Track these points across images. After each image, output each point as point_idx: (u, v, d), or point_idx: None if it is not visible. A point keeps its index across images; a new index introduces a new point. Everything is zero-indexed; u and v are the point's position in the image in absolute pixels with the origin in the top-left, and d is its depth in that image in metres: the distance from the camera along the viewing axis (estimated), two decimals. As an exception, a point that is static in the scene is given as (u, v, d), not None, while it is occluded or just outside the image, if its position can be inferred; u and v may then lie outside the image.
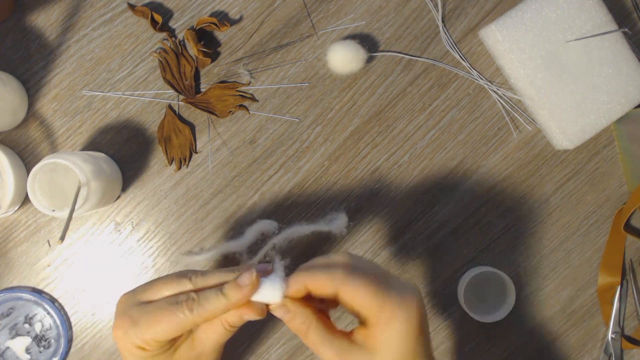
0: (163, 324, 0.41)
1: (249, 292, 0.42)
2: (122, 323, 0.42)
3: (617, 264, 0.64)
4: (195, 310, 0.41)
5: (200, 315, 0.41)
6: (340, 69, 0.61)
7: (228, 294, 0.42)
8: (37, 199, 0.54)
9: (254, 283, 0.42)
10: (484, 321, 0.62)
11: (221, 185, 0.63)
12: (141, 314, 0.41)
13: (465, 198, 0.64)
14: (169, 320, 0.41)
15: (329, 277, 0.41)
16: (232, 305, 0.42)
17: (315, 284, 0.42)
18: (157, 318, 0.41)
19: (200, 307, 0.41)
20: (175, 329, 0.41)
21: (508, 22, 0.60)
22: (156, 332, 0.41)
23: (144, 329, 0.41)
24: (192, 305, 0.41)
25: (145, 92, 0.62)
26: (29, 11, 0.61)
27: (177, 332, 0.41)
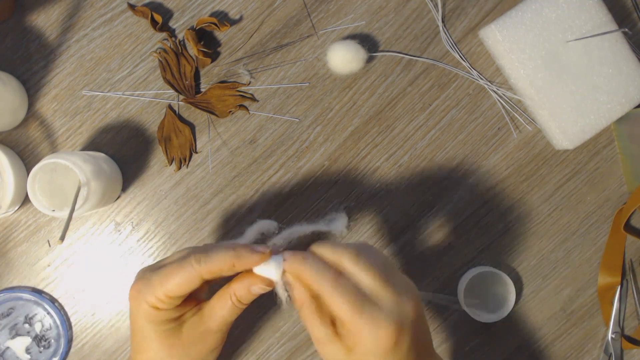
0: (173, 278, 0.43)
1: (258, 258, 0.43)
2: (136, 284, 0.44)
3: (617, 264, 0.64)
4: (202, 262, 0.42)
5: (207, 268, 0.43)
6: (340, 69, 0.61)
7: (239, 252, 0.43)
8: (37, 199, 0.54)
9: (266, 254, 0.44)
10: (484, 321, 0.62)
11: (221, 185, 0.63)
12: (153, 274, 0.44)
13: (465, 198, 0.64)
14: (179, 274, 0.43)
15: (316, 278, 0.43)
16: (239, 263, 0.43)
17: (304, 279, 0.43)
18: (168, 273, 0.43)
19: (208, 259, 0.43)
20: (185, 282, 0.43)
21: (508, 22, 0.60)
22: (167, 287, 0.43)
23: (156, 285, 0.43)
24: (200, 257, 0.43)
25: (145, 92, 0.62)
26: (29, 11, 0.61)
27: (187, 285, 0.43)
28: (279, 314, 0.63)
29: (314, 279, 0.42)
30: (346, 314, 0.41)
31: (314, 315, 0.43)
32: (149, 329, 0.44)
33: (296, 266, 0.44)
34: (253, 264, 0.44)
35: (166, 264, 0.44)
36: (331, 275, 0.42)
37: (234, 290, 0.45)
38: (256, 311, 0.63)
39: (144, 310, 0.44)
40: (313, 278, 0.42)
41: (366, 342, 0.41)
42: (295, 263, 0.44)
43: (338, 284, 0.42)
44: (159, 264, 0.46)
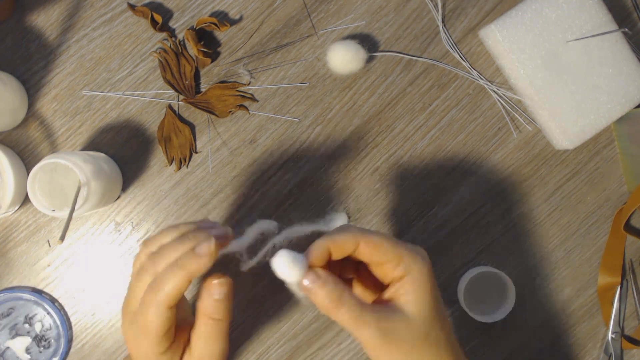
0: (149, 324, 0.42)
1: (207, 262, 0.42)
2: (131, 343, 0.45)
3: (617, 264, 0.64)
4: (159, 292, 0.42)
5: (165, 296, 0.41)
6: (340, 69, 0.61)
7: (185, 266, 0.41)
8: (37, 199, 0.54)
9: (212, 253, 0.42)
10: (484, 321, 0.62)
11: (221, 185, 0.63)
12: (136, 329, 0.43)
13: (465, 198, 0.64)
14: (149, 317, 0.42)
15: (349, 234, 0.43)
16: (191, 276, 0.42)
17: (337, 244, 0.43)
18: (144, 323, 0.42)
19: (160, 290, 0.41)
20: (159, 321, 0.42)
21: (508, 22, 0.60)
22: (150, 334, 0.42)
23: (145, 338, 0.43)
24: (154, 287, 0.42)
25: (145, 92, 0.62)
26: (29, 11, 0.61)
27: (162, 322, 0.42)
28: (279, 314, 0.63)
29: (347, 236, 0.43)
30: (390, 246, 0.43)
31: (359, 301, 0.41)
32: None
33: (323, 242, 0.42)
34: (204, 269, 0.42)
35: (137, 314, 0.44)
36: (358, 228, 0.44)
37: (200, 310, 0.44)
38: (256, 311, 0.63)
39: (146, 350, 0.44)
40: (345, 235, 0.43)
41: (418, 265, 0.43)
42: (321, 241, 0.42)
43: (368, 230, 0.44)
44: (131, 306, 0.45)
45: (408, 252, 0.43)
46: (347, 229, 0.44)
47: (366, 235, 0.43)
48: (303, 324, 0.63)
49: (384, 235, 0.44)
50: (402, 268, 0.43)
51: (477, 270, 0.62)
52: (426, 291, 0.43)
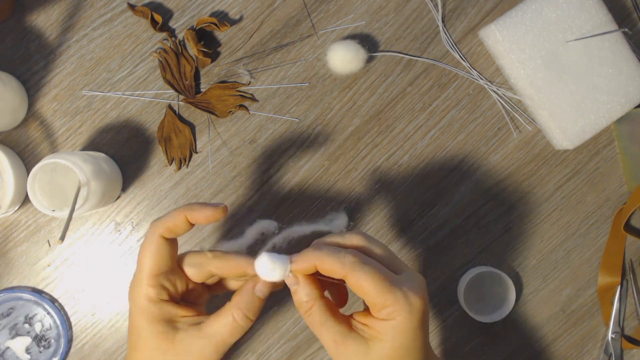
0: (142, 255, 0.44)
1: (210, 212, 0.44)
2: (129, 291, 0.45)
3: (617, 264, 0.64)
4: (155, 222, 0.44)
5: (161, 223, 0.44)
6: (340, 69, 0.61)
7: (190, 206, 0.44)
8: (37, 199, 0.54)
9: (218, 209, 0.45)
10: (484, 321, 0.62)
11: (221, 185, 0.63)
12: (135, 271, 0.45)
13: (465, 198, 0.64)
14: (143, 247, 0.44)
15: (338, 263, 0.41)
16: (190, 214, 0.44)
17: (324, 266, 0.42)
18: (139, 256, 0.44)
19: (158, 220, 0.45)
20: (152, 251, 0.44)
21: (508, 22, 0.60)
22: (143, 267, 0.44)
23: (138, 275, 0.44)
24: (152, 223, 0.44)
25: (145, 92, 0.62)
26: (29, 11, 0.61)
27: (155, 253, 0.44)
28: (279, 314, 0.63)
29: (336, 264, 0.41)
30: (377, 292, 0.40)
31: (326, 314, 0.42)
32: (145, 327, 0.44)
33: (311, 257, 0.42)
34: (205, 218, 0.44)
35: None
36: (353, 256, 0.41)
37: (237, 303, 0.44)
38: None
39: (137, 306, 0.44)
40: (336, 263, 0.41)
41: (398, 322, 0.40)
42: (310, 255, 0.42)
43: (364, 263, 0.41)
44: None
45: (395, 301, 0.40)
46: (340, 256, 0.41)
47: (355, 271, 0.40)
48: (303, 324, 0.63)
49: (375, 276, 0.40)
50: (385, 314, 0.41)
51: (477, 270, 0.62)
52: (402, 346, 0.41)
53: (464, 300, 0.62)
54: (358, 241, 0.44)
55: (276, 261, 0.43)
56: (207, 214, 0.44)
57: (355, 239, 0.44)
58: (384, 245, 0.45)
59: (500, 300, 0.63)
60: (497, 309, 0.63)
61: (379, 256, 0.43)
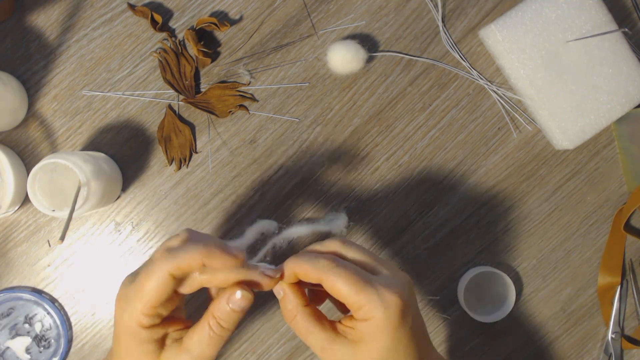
0: (147, 284, 0.40)
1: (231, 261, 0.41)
2: (119, 301, 0.42)
3: (617, 264, 0.64)
4: (170, 259, 0.40)
5: (175, 262, 0.40)
6: (340, 69, 0.61)
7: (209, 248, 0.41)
8: (37, 199, 0.54)
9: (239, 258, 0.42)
10: (484, 321, 0.62)
11: (221, 185, 0.63)
12: (130, 286, 0.41)
13: (465, 198, 0.64)
14: (150, 278, 0.40)
15: (313, 267, 0.42)
16: (208, 261, 0.41)
17: (302, 272, 0.43)
18: (141, 281, 0.41)
19: (173, 254, 0.40)
20: (158, 285, 0.40)
21: (508, 22, 0.60)
22: (144, 297, 0.40)
23: (135, 299, 0.41)
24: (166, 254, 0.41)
25: (145, 92, 0.62)
26: (29, 11, 0.61)
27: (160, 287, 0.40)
28: (279, 314, 0.63)
29: (311, 269, 0.42)
30: (351, 292, 0.41)
31: (311, 321, 0.43)
32: (132, 346, 0.42)
33: (291, 265, 0.43)
34: (224, 265, 0.41)
35: (139, 271, 0.42)
36: (328, 260, 0.42)
37: (212, 312, 0.42)
38: (256, 311, 0.63)
39: (128, 327, 0.42)
40: (310, 268, 0.42)
41: (376, 320, 0.40)
42: (290, 263, 0.43)
43: (337, 265, 0.42)
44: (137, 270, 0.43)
45: (369, 300, 0.41)
46: (315, 260, 0.42)
47: (328, 273, 0.41)
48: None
49: (348, 277, 0.41)
50: (362, 314, 0.41)
51: (477, 270, 0.62)
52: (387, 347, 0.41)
53: (464, 300, 0.62)
54: (335, 246, 0.45)
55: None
56: (227, 262, 0.41)
57: (333, 245, 0.45)
58: (362, 248, 0.45)
59: (500, 300, 0.63)
60: (497, 309, 0.63)
61: (355, 259, 0.44)
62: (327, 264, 0.42)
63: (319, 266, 0.42)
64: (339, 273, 0.41)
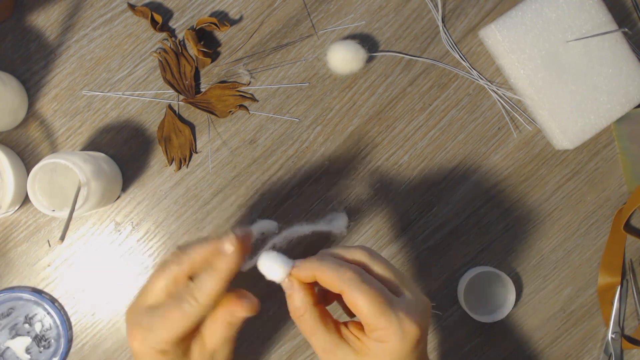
0: (175, 321, 0.41)
1: (236, 257, 0.41)
2: (137, 334, 0.42)
3: (617, 264, 0.64)
4: (198, 297, 0.41)
5: (205, 300, 0.41)
6: (340, 69, 0.61)
7: (218, 267, 0.41)
8: (37, 199, 0.54)
9: (237, 246, 0.41)
10: (484, 321, 0.62)
11: (221, 185, 0.63)
12: (152, 319, 0.41)
13: (465, 198, 0.64)
14: (180, 316, 0.41)
15: (337, 278, 0.41)
16: (227, 276, 0.41)
17: (324, 278, 0.42)
18: (168, 317, 0.41)
19: (200, 292, 0.41)
20: (188, 322, 0.41)
21: (508, 22, 0.60)
22: (171, 331, 0.41)
23: (159, 332, 0.41)
24: (194, 293, 0.41)
25: (145, 92, 0.62)
26: (29, 11, 0.61)
27: (190, 324, 0.41)
28: (279, 314, 0.63)
29: (335, 279, 0.41)
30: (372, 313, 0.39)
31: (318, 322, 0.43)
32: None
33: (313, 267, 0.42)
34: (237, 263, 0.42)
35: (162, 307, 0.42)
36: (354, 273, 0.41)
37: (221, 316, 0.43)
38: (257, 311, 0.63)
39: (151, 356, 0.42)
40: (335, 278, 0.41)
41: (390, 345, 0.40)
42: (313, 265, 0.42)
43: (363, 281, 0.40)
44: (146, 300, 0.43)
45: (389, 325, 0.40)
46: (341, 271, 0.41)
47: (352, 288, 0.40)
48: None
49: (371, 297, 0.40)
50: (377, 336, 0.40)
51: (477, 270, 0.62)
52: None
53: (464, 300, 0.62)
54: (361, 256, 0.43)
55: (279, 261, 0.43)
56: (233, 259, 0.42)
57: (359, 254, 0.44)
58: (388, 262, 0.44)
59: (500, 300, 0.63)
60: (497, 309, 0.63)
61: (380, 275, 0.43)
62: (353, 278, 0.40)
63: (344, 278, 0.41)
64: (362, 290, 0.40)
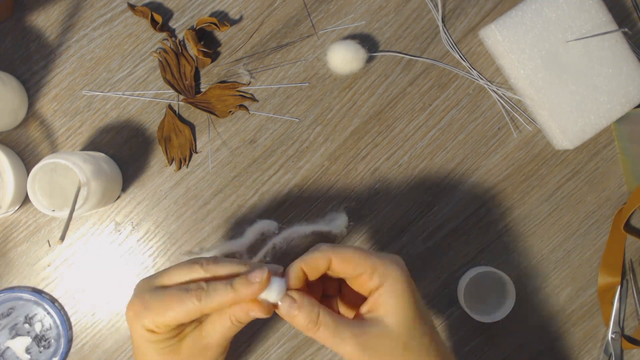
0: (172, 310, 0.42)
1: (258, 289, 0.43)
2: (134, 306, 0.43)
3: (617, 264, 0.64)
4: (203, 300, 0.42)
5: (207, 305, 0.42)
6: (340, 69, 0.61)
7: (237, 288, 0.42)
8: (37, 199, 0.54)
9: (264, 281, 0.43)
10: (484, 321, 0.62)
11: (221, 185, 0.63)
12: (153, 299, 0.43)
13: (465, 198, 0.64)
14: (178, 307, 0.42)
15: (319, 252, 0.44)
16: (239, 300, 0.43)
17: (309, 264, 0.44)
18: (167, 304, 0.42)
19: (208, 297, 0.42)
20: (184, 316, 0.42)
21: (508, 22, 0.60)
22: (165, 317, 0.42)
23: (154, 313, 0.42)
24: (201, 294, 0.42)
25: (145, 92, 0.62)
26: (29, 11, 0.61)
27: (185, 318, 0.42)
28: (279, 314, 0.63)
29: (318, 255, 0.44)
30: (362, 258, 0.44)
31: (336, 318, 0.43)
32: (148, 348, 0.44)
33: (297, 264, 0.44)
34: (253, 296, 0.43)
35: (167, 291, 0.43)
36: (327, 245, 0.44)
37: (233, 312, 0.44)
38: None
39: (141, 332, 0.43)
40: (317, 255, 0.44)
41: (394, 276, 0.44)
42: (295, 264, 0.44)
43: (340, 245, 0.45)
44: (159, 281, 0.44)
45: (381, 261, 0.44)
46: (318, 247, 0.45)
47: (337, 250, 0.44)
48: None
49: (355, 248, 0.45)
50: (377, 277, 0.44)
51: (477, 270, 0.62)
52: (403, 298, 0.43)
53: (464, 300, 0.62)
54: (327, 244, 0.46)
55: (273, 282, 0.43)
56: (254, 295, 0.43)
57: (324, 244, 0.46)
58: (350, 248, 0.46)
59: (500, 300, 0.63)
60: (497, 309, 0.63)
61: None
62: (329, 245, 0.44)
63: (323, 250, 0.44)
64: (346, 247, 0.44)
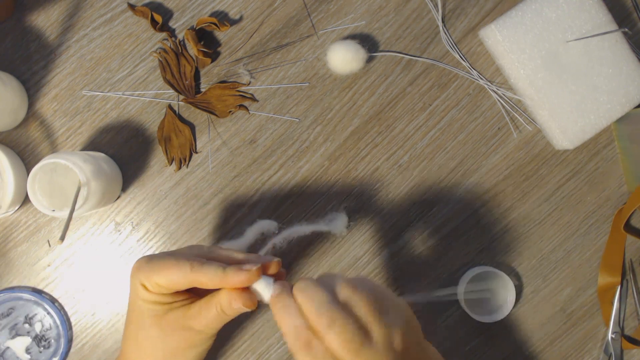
0: (166, 270, 0.44)
1: (245, 280, 0.44)
2: (140, 261, 0.46)
3: (617, 264, 0.64)
4: (195, 270, 0.44)
5: (197, 277, 0.44)
6: (340, 69, 0.61)
7: (227, 272, 0.44)
8: (37, 199, 0.54)
9: (252, 275, 0.44)
10: (484, 321, 0.62)
11: (221, 185, 0.63)
12: (156, 258, 0.46)
13: (465, 198, 0.64)
14: (172, 269, 0.44)
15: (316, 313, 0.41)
16: (226, 284, 0.44)
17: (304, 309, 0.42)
18: (165, 264, 0.45)
19: (200, 269, 0.44)
20: (175, 279, 0.44)
21: (508, 22, 0.60)
22: (159, 275, 0.44)
23: (151, 270, 0.45)
24: (195, 265, 0.44)
25: (145, 92, 0.62)
26: (29, 11, 0.61)
27: (175, 282, 0.44)
28: (279, 314, 0.63)
29: (310, 310, 0.41)
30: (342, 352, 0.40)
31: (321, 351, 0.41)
32: (136, 303, 0.46)
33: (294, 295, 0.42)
34: (240, 284, 0.44)
35: (170, 255, 0.46)
36: (329, 310, 0.40)
37: (219, 300, 0.45)
38: (256, 311, 0.63)
39: (136, 285, 0.46)
40: (310, 309, 0.41)
41: None
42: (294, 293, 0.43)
43: (335, 319, 0.40)
44: (166, 253, 0.47)
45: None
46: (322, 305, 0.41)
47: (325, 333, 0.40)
48: None
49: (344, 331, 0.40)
50: None
51: (477, 270, 0.62)
52: None
53: (464, 300, 0.62)
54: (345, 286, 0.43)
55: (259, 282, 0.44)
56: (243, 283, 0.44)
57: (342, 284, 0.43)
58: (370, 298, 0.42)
59: (500, 300, 0.63)
60: (497, 309, 0.63)
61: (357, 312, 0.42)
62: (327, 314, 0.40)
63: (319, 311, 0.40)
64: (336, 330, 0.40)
